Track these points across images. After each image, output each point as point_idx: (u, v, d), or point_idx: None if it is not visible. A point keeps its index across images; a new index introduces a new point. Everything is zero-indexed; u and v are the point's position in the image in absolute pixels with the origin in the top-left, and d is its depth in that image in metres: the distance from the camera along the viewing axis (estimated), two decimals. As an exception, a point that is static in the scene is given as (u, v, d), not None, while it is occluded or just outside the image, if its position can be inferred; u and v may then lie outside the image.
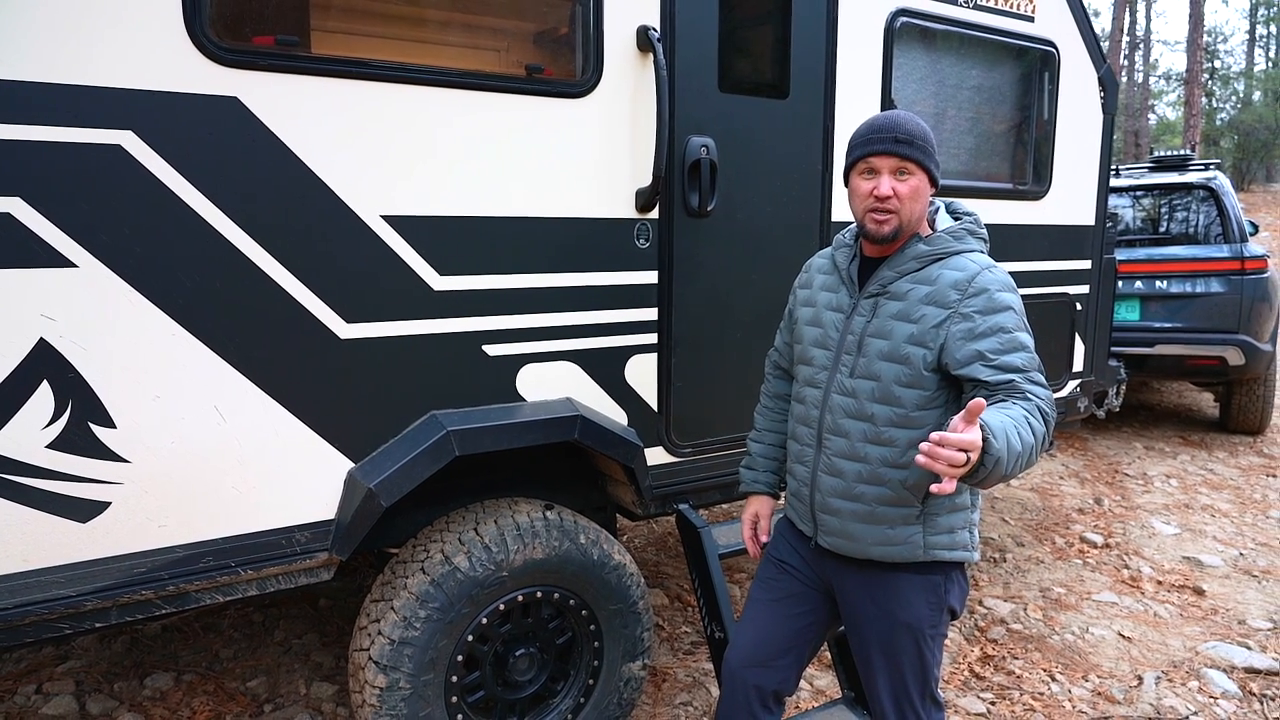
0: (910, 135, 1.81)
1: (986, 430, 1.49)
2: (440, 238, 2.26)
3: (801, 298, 2.08)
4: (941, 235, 1.86)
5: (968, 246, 1.86)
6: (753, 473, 2.26)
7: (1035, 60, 3.62)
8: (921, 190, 1.83)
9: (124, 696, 3.00)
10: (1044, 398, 1.71)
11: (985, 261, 1.83)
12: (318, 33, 2.14)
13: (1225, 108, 31.95)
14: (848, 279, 1.94)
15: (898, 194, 1.81)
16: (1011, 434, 1.55)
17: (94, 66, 1.79)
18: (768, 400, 2.27)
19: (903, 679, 1.92)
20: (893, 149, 1.80)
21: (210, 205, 1.95)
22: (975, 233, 1.90)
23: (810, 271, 2.09)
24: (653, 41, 2.48)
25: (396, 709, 2.25)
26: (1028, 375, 1.73)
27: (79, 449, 1.86)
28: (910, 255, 1.85)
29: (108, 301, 1.85)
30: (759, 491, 2.25)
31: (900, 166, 1.81)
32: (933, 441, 1.45)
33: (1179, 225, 6.72)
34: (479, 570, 2.31)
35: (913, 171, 1.81)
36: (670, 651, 3.44)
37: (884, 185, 1.81)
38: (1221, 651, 3.50)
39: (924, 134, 1.83)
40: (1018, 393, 1.70)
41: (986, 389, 1.73)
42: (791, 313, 2.13)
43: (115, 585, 1.94)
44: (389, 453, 2.22)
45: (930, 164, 1.83)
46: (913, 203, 1.82)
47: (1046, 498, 5.47)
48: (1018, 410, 1.63)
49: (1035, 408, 1.66)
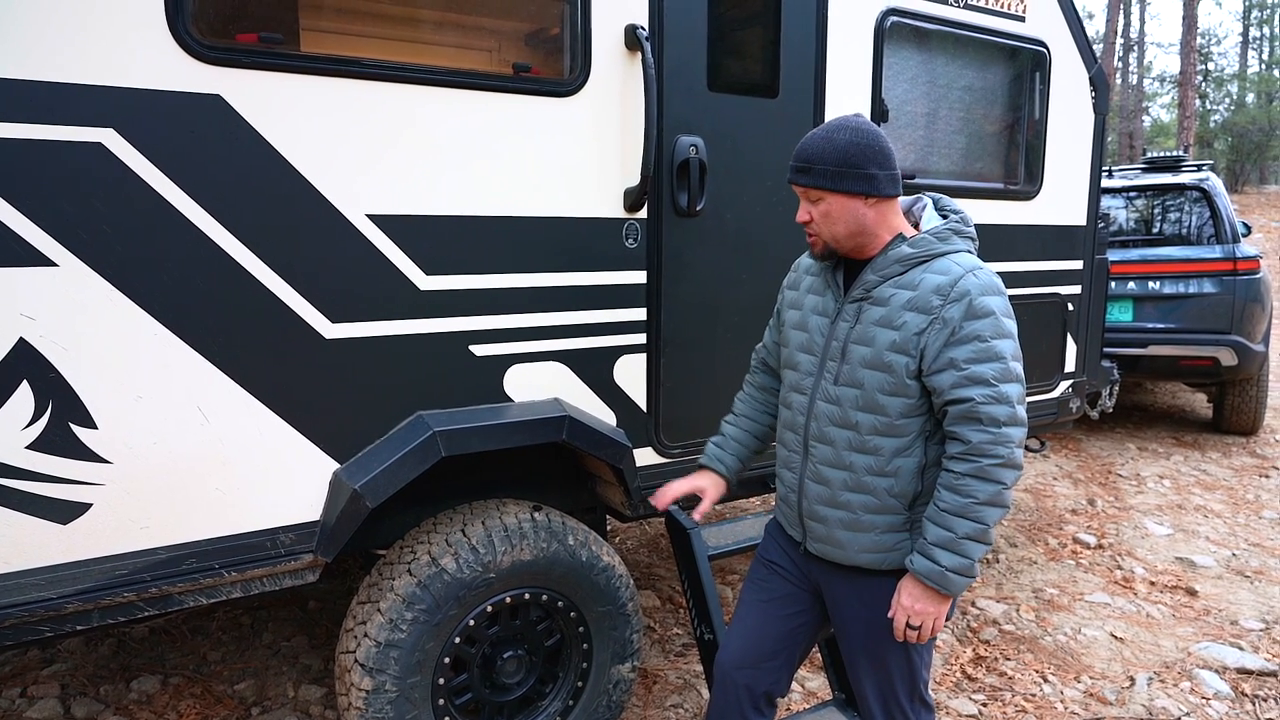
0: (810, 161, 1.77)
1: (937, 581, 1.71)
2: (426, 237, 2.24)
3: (789, 299, 2.05)
4: (926, 236, 1.81)
5: (953, 247, 1.81)
6: (718, 450, 2.21)
7: (1026, 60, 3.61)
8: (836, 213, 1.78)
9: (110, 700, 2.98)
10: (1003, 419, 1.68)
11: (970, 263, 1.78)
12: (308, 32, 2.13)
13: (1219, 110, 32.08)
14: (833, 283, 1.91)
15: (813, 217, 1.82)
16: (958, 544, 1.70)
17: (75, 63, 1.77)
18: (749, 389, 2.24)
19: (890, 681, 1.91)
20: (793, 179, 1.83)
21: (193, 204, 1.93)
22: (961, 232, 1.85)
23: (798, 272, 2.06)
24: (641, 40, 2.46)
25: (383, 712, 2.23)
26: (994, 391, 1.68)
27: (59, 450, 1.84)
28: (894, 258, 1.81)
29: (89, 301, 1.83)
30: (715, 469, 2.20)
31: (805, 193, 1.82)
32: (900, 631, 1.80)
33: (1172, 226, 6.72)
34: (466, 572, 2.30)
35: (819, 196, 1.79)
36: (661, 653, 3.42)
37: (801, 212, 1.84)
38: (1214, 652, 3.49)
39: (836, 155, 1.75)
40: (972, 419, 1.69)
41: (946, 403, 1.73)
42: (780, 313, 2.11)
43: (97, 587, 1.92)
44: (375, 454, 2.20)
45: (842, 185, 1.75)
46: (829, 225, 1.80)
47: (1039, 498, 5.47)
48: (957, 497, 1.70)
49: (979, 464, 1.69)
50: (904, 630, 1.78)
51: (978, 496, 1.68)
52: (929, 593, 1.74)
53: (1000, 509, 1.70)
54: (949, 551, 1.70)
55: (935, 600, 1.74)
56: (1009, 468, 1.69)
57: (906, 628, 1.78)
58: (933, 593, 1.74)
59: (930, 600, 1.74)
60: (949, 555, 1.70)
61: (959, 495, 1.69)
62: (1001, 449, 1.68)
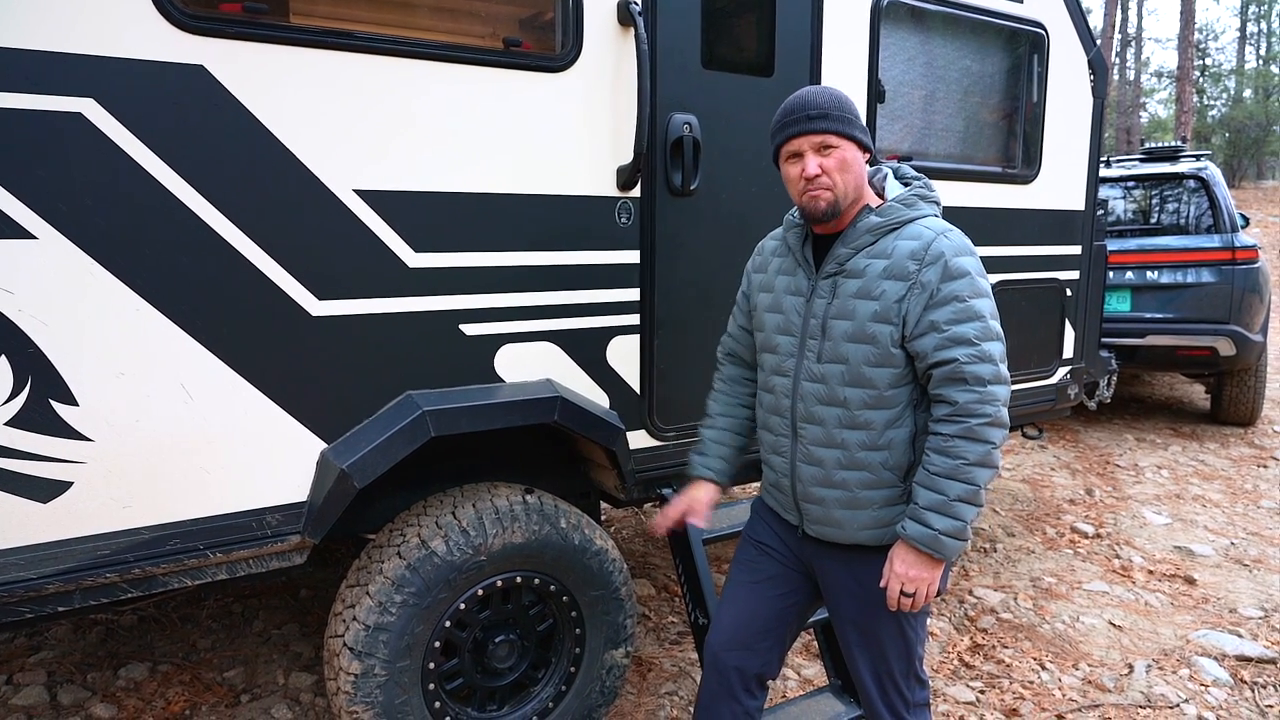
0: (823, 109, 1.75)
1: (930, 545, 1.69)
2: (415, 213, 2.20)
3: (757, 282, 2.00)
4: (892, 205, 1.80)
5: (920, 212, 1.79)
6: (702, 458, 2.15)
7: (1024, 42, 3.58)
8: (851, 161, 1.77)
9: (97, 687, 2.94)
10: (988, 378, 1.66)
11: (940, 226, 1.76)
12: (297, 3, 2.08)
13: (1216, 105, 32.04)
14: (803, 260, 1.88)
15: (826, 170, 1.77)
16: (950, 507, 1.67)
17: (54, 31, 1.73)
18: (721, 385, 2.18)
19: (885, 658, 1.88)
20: (807, 128, 1.76)
21: (176, 177, 1.89)
22: (927, 197, 1.83)
23: (764, 254, 2.02)
24: (634, 16, 2.43)
25: (371, 696, 2.20)
26: (977, 350, 1.67)
27: (39, 427, 1.80)
28: (863, 229, 1.79)
29: (69, 275, 1.79)
30: (704, 477, 2.14)
31: (821, 142, 1.76)
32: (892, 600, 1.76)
33: (1170, 216, 6.69)
34: (456, 554, 2.26)
35: (836, 144, 1.76)
36: (656, 641, 3.39)
37: (810, 165, 1.77)
38: (1212, 640, 3.47)
39: (839, 104, 1.76)
40: (957, 380, 1.67)
41: (930, 367, 1.71)
42: (748, 297, 2.06)
43: (78, 568, 1.88)
44: (363, 433, 2.16)
45: (853, 132, 1.76)
46: (844, 175, 1.77)
47: (1037, 489, 5.44)
48: (947, 459, 1.68)
49: (968, 424, 1.66)
50: (897, 598, 1.75)
51: (967, 457, 1.66)
52: (922, 558, 1.71)
53: (990, 469, 1.67)
54: (941, 515, 1.67)
55: (928, 565, 1.72)
56: (996, 426, 1.67)
57: (901, 595, 1.75)
58: (926, 558, 1.71)
59: (924, 566, 1.71)
60: (941, 518, 1.67)
61: (948, 457, 1.67)
62: (988, 407, 1.66)
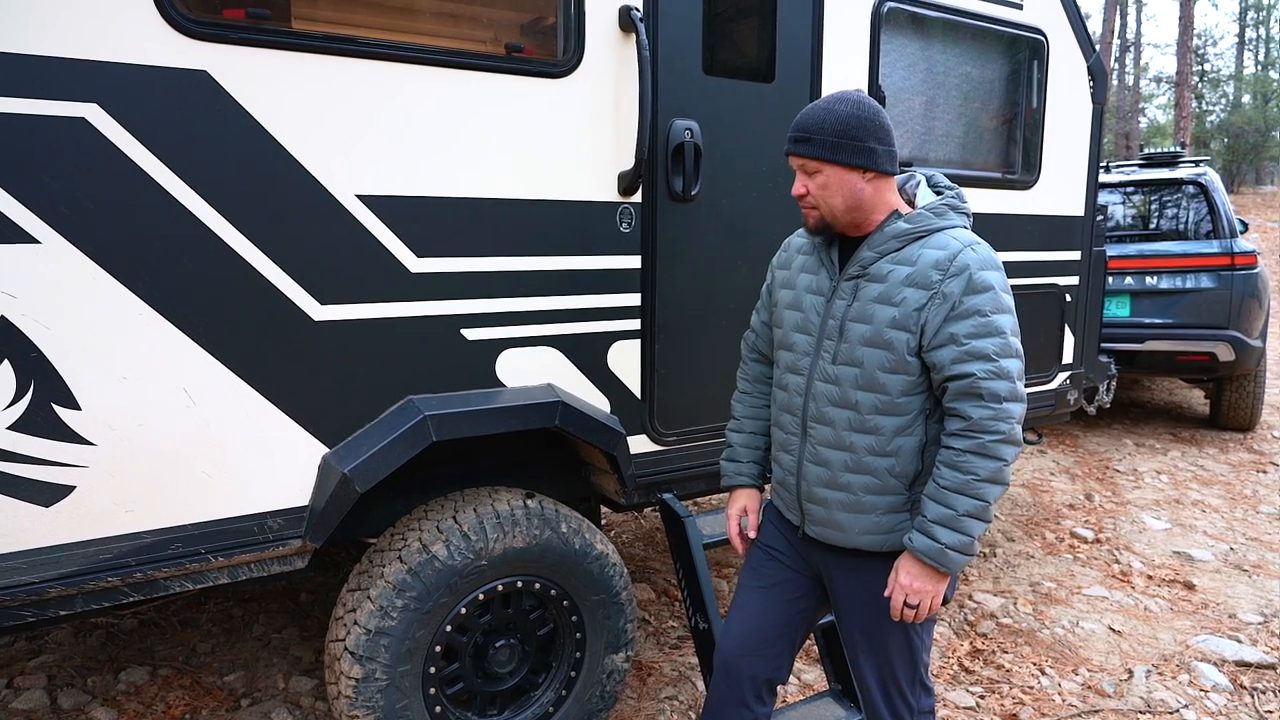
0: (808, 132, 1.75)
1: (935, 559, 1.69)
2: (417, 218, 2.21)
3: (780, 279, 2.01)
4: (922, 212, 1.79)
5: (949, 223, 1.79)
6: (735, 464, 2.15)
7: (1024, 48, 3.59)
8: (834, 184, 1.76)
9: (97, 691, 2.94)
10: (1004, 395, 1.66)
11: (968, 238, 1.76)
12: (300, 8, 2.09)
13: (1215, 110, 32.13)
14: (827, 260, 1.88)
15: (809, 190, 1.79)
16: (958, 521, 1.68)
17: (57, 37, 1.74)
18: (746, 385, 2.17)
19: (890, 664, 1.88)
20: (792, 149, 1.79)
21: (179, 181, 1.89)
22: (958, 208, 1.83)
23: (789, 251, 2.02)
24: (635, 22, 2.44)
25: (372, 700, 2.20)
26: (995, 366, 1.67)
27: (41, 431, 1.81)
28: (890, 234, 1.78)
29: (72, 279, 1.80)
30: (743, 484, 2.14)
31: (802, 165, 1.78)
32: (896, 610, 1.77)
33: (1169, 221, 6.70)
34: (457, 559, 2.26)
35: (816, 169, 1.76)
36: (656, 646, 3.39)
37: (796, 184, 1.81)
38: (1212, 645, 3.47)
39: (832, 127, 1.73)
40: (972, 395, 1.67)
41: (946, 379, 1.71)
42: (771, 292, 2.06)
43: (80, 572, 1.88)
44: (364, 438, 2.17)
45: (838, 156, 1.73)
46: (826, 197, 1.77)
47: (1037, 493, 5.45)
48: (958, 474, 1.68)
49: (980, 440, 1.66)
50: (901, 609, 1.76)
51: (978, 473, 1.66)
52: (927, 571, 1.72)
53: (1000, 486, 1.68)
54: (949, 529, 1.67)
55: (934, 578, 1.72)
56: (1009, 444, 1.67)
57: (904, 606, 1.76)
58: (931, 570, 1.71)
59: (929, 578, 1.72)
60: (949, 533, 1.67)
61: (959, 472, 1.67)
62: (1002, 424, 1.66)
